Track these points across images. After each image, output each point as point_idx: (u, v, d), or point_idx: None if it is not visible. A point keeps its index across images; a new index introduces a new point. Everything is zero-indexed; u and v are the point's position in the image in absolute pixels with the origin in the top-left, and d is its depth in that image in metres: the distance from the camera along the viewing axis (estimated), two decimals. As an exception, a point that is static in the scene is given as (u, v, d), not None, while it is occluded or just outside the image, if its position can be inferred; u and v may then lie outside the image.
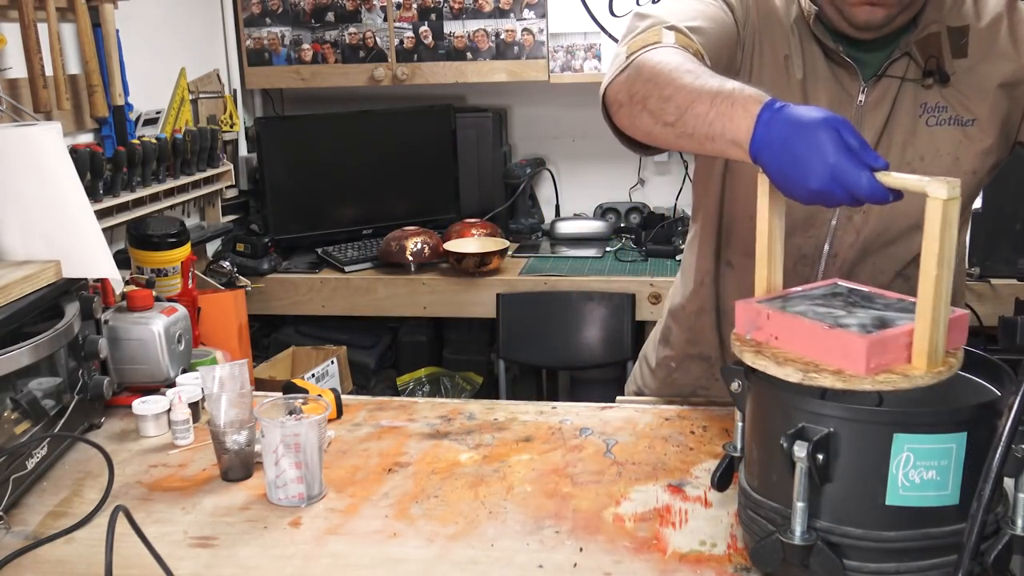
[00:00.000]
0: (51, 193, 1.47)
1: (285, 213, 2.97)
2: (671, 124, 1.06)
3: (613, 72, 1.17)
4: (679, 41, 1.15)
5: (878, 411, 0.92)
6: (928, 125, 1.28)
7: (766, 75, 1.29)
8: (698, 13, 1.23)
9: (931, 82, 1.27)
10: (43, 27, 2.02)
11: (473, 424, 1.44)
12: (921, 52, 1.26)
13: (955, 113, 1.27)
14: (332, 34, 3.04)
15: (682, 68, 1.07)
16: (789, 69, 1.29)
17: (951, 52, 1.26)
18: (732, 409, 1.07)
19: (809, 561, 0.89)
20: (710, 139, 1.01)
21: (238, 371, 1.29)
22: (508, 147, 3.29)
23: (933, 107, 1.28)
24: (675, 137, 1.07)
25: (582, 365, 2.72)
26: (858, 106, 1.29)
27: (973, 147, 1.28)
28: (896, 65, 1.27)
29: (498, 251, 2.71)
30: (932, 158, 1.28)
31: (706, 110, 1.00)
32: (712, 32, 1.22)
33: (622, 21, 2.87)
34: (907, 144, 1.29)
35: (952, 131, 1.28)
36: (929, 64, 1.26)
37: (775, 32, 1.30)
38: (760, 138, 0.95)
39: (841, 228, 1.33)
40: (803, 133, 0.92)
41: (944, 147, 1.28)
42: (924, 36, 1.26)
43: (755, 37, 1.29)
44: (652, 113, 1.08)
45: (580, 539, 1.09)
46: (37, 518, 1.19)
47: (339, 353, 2.87)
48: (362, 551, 1.09)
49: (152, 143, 2.27)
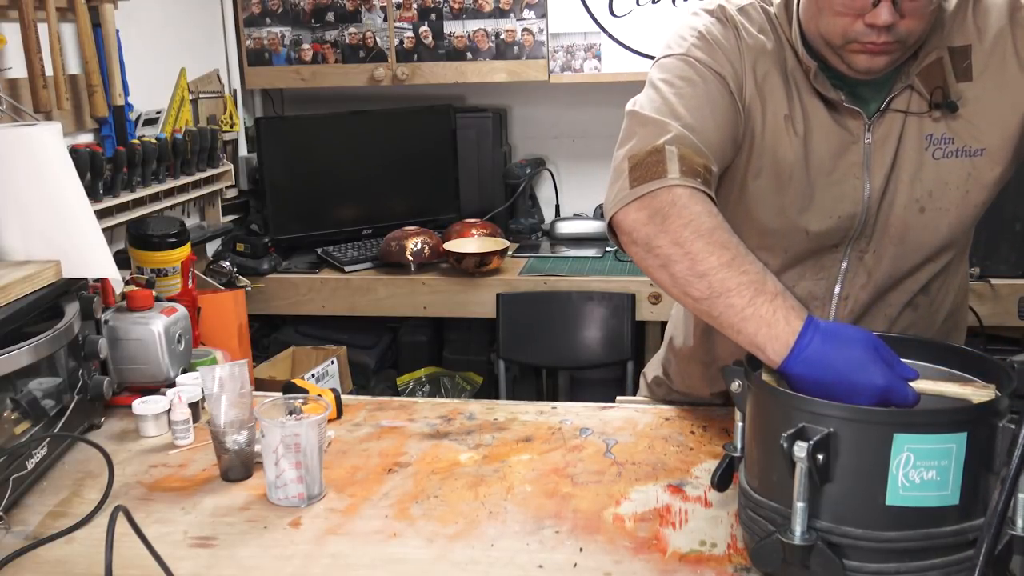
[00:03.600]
0: (51, 193, 1.47)
1: (285, 213, 2.97)
2: (696, 299, 1.05)
3: (621, 198, 1.12)
4: (685, 166, 1.10)
5: (878, 411, 0.92)
6: (935, 158, 1.21)
7: (768, 137, 1.22)
8: (697, 103, 1.18)
9: (939, 115, 1.19)
10: (43, 27, 2.02)
11: (473, 424, 1.44)
12: (925, 83, 1.19)
13: (963, 144, 1.20)
14: (332, 34, 3.04)
15: (716, 242, 1.04)
16: (790, 128, 1.22)
17: (955, 76, 1.19)
18: (732, 409, 1.07)
19: (809, 561, 0.89)
20: (736, 332, 1.01)
21: (238, 371, 1.29)
22: (508, 147, 3.29)
23: (939, 139, 1.20)
24: (694, 308, 1.07)
25: (582, 365, 2.72)
26: (866, 145, 1.21)
27: (982, 178, 1.21)
28: (900, 98, 1.20)
29: (498, 251, 2.71)
30: (940, 193, 1.22)
31: (743, 305, 1.00)
32: (714, 121, 1.18)
33: (622, 21, 2.87)
34: (914, 180, 1.22)
35: (960, 163, 1.21)
36: (935, 96, 1.18)
37: (775, 93, 1.22)
38: (799, 354, 0.97)
39: (852, 270, 1.28)
40: (846, 352, 0.95)
41: (952, 180, 1.21)
42: (926, 65, 1.18)
43: (754, 102, 1.22)
44: (675, 279, 1.06)
45: (580, 539, 1.09)
46: (37, 518, 1.19)
47: (339, 353, 2.86)
48: (362, 551, 1.09)
49: (152, 143, 2.27)
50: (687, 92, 1.18)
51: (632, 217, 1.10)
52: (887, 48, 1.12)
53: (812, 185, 1.23)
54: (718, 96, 1.19)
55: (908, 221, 1.23)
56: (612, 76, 2.90)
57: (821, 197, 1.23)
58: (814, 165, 1.22)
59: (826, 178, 1.22)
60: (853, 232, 1.25)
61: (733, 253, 1.03)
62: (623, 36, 2.87)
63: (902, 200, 1.22)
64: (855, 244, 1.26)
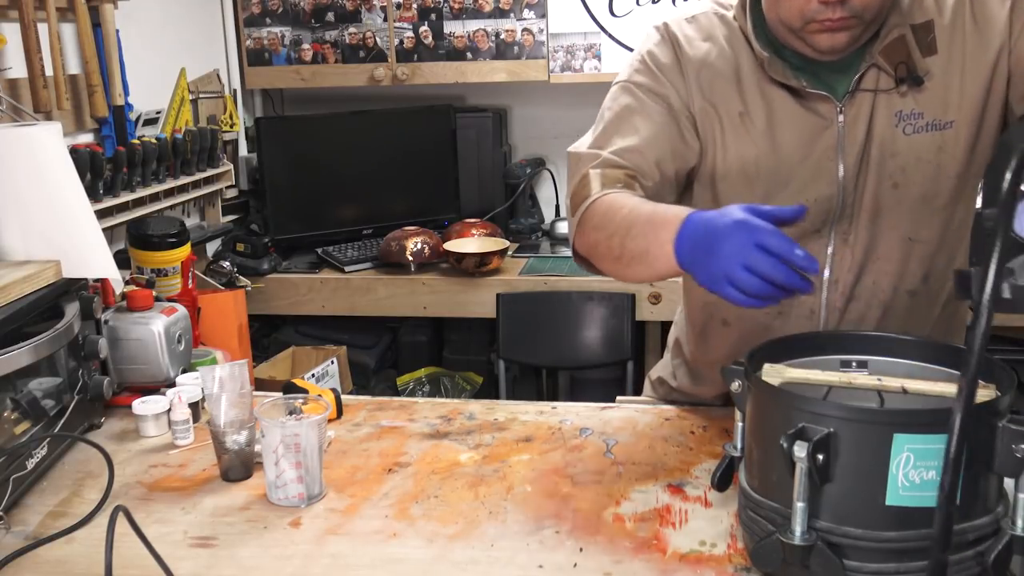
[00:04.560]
0: (51, 193, 1.47)
1: (285, 213, 2.97)
2: (619, 258, 1.17)
3: (571, 231, 1.28)
4: (605, 180, 1.24)
5: (878, 411, 0.92)
6: (906, 134, 1.24)
7: (728, 138, 1.28)
8: (632, 126, 1.28)
9: (905, 89, 1.23)
10: (43, 27, 2.02)
11: (473, 424, 1.44)
12: (888, 60, 1.22)
13: (932, 118, 1.23)
14: (332, 34, 3.04)
15: (615, 206, 1.18)
16: (748, 124, 1.27)
17: (921, 51, 1.23)
18: (732, 409, 1.07)
19: (809, 561, 0.89)
20: (646, 257, 1.11)
21: (238, 371, 1.29)
22: (508, 147, 3.29)
23: (909, 115, 1.24)
24: (627, 269, 1.17)
25: (582, 365, 2.72)
26: (839, 127, 1.25)
27: (954, 151, 1.24)
28: (867, 78, 1.24)
29: (498, 251, 2.71)
30: (914, 168, 1.25)
31: (642, 232, 1.12)
32: (649, 138, 1.27)
33: (622, 21, 2.87)
34: (888, 157, 1.25)
35: (931, 137, 1.24)
36: (899, 71, 1.22)
37: (725, 94, 1.28)
38: (680, 247, 1.05)
39: (838, 253, 1.30)
40: (716, 235, 1.00)
41: (925, 154, 1.24)
42: (889, 43, 1.22)
43: (705, 110, 1.29)
44: (605, 257, 1.21)
45: (580, 539, 1.09)
46: (37, 518, 1.19)
47: (339, 353, 2.86)
48: (362, 551, 1.09)
49: (152, 143, 2.27)
50: (624, 118, 1.30)
51: (577, 242, 1.27)
52: (844, 23, 1.16)
53: (785, 173, 1.27)
54: (655, 115, 1.29)
55: (882, 198, 1.26)
56: (612, 76, 2.85)
57: (796, 183, 1.27)
58: (785, 154, 1.27)
59: (800, 164, 1.26)
60: (833, 214, 1.28)
61: (628, 207, 1.17)
62: (623, 36, 2.87)
63: (876, 178, 1.26)
64: (838, 227, 1.29)
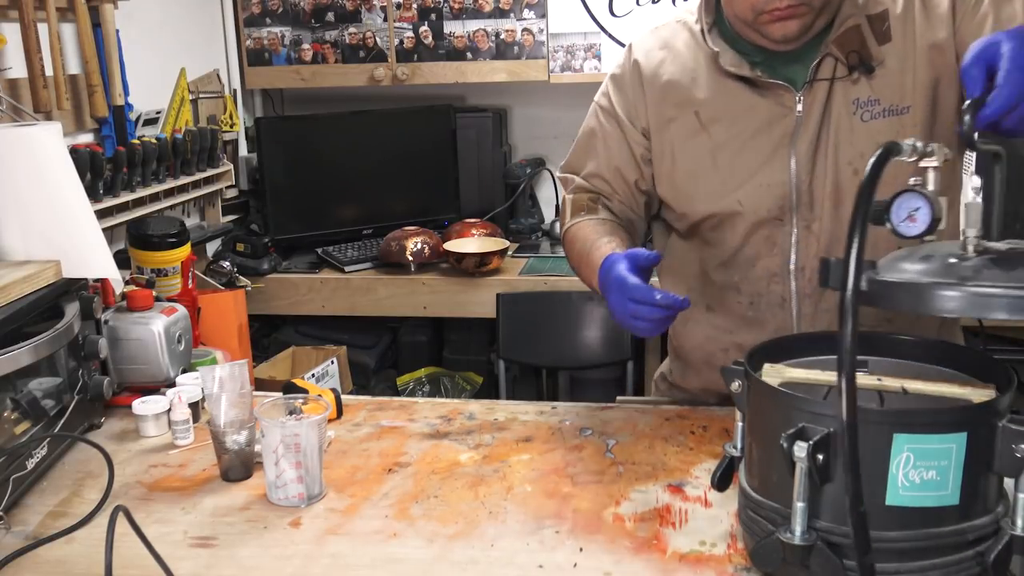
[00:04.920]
0: (51, 193, 1.47)
1: (285, 213, 2.97)
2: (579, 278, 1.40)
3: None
4: (575, 207, 1.44)
5: (878, 411, 0.92)
6: (863, 120, 1.27)
7: (686, 139, 1.36)
8: (594, 147, 1.45)
9: (858, 76, 1.27)
10: (43, 27, 2.02)
11: (473, 424, 1.44)
12: (841, 49, 1.26)
13: (889, 104, 1.27)
14: (332, 34, 3.04)
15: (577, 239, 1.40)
16: (702, 120, 1.35)
17: (876, 40, 1.26)
18: (732, 409, 1.07)
19: (809, 561, 0.89)
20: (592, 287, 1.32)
21: (238, 371, 1.29)
22: (508, 147, 3.29)
23: (866, 102, 1.27)
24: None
25: (582, 365, 2.71)
26: (797, 116, 1.29)
27: (912, 135, 1.26)
28: (824, 67, 1.28)
29: (498, 251, 2.71)
30: (872, 152, 1.27)
31: (584, 269, 1.35)
32: (606, 164, 1.43)
33: (622, 21, 2.87)
34: (845, 143, 1.28)
35: (889, 123, 1.27)
36: (851, 59, 1.26)
37: (679, 97, 1.36)
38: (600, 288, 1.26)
39: (802, 241, 1.33)
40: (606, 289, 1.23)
41: (883, 140, 1.25)
42: (842, 32, 1.26)
43: (658, 120, 1.39)
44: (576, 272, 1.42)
45: (580, 539, 1.09)
46: (37, 518, 1.19)
47: (339, 353, 2.86)
48: (362, 551, 1.09)
49: (152, 143, 2.27)
50: (588, 142, 1.47)
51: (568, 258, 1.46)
52: (793, 12, 1.22)
53: (741, 163, 1.33)
54: (610, 138, 1.43)
55: (842, 185, 1.29)
56: (612, 76, 2.90)
57: (752, 171, 1.32)
58: (741, 143, 1.32)
59: (755, 153, 1.32)
60: (789, 200, 1.31)
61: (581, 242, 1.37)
62: (623, 36, 2.87)
63: (833, 165, 1.29)
64: (799, 214, 1.32)
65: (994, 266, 0.82)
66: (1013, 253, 0.83)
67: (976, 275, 0.81)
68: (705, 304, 1.45)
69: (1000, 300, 0.78)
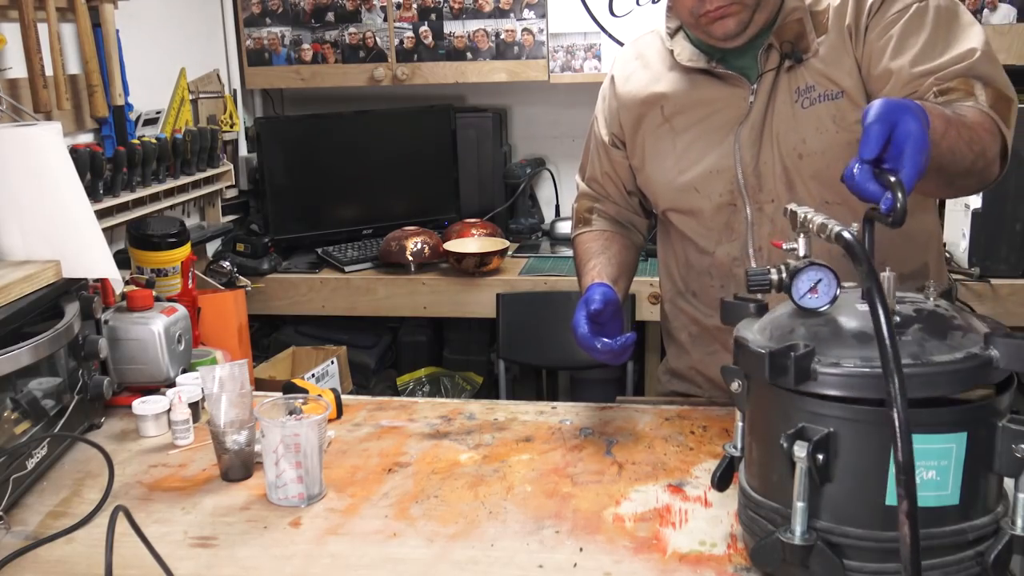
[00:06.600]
0: (51, 193, 1.47)
1: (285, 213, 2.97)
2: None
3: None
4: (579, 217, 1.62)
5: (878, 411, 0.92)
6: (803, 107, 1.34)
7: (653, 134, 1.47)
8: (591, 157, 1.60)
9: (790, 64, 1.34)
10: (43, 27, 2.01)
11: (473, 424, 1.44)
12: (779, 40, 1.34)
13: (824, 90, 1.33)
14: (332, 34, 3.04)
15: (577, 251, 1.57)
16: (667, 114, 1.45)
17: (816, 32, 1.33)
18: (732, 409, 1.07)
19: (809, 561, 0.89)
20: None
21: (238, 371, 1.29)
22: (508, 147, 3.29)
23: (805, 89, 1.34)
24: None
25: (582, 365, 2.71)
26: (749, 105, 1.37)
27: (848, 118, 1.32)
28: (770, 59, 1.35)
29: (498, 251, 2.71)
30: (813, 136, 1.34)
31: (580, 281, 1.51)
32: (601, 169, 1.58)
33: (622, 21, 2.87)
34: (788, 130, 1.35)
35: (826, 107, 1.33)
36: (784, 48, 1.34)
37: (648, 94, 1.46)
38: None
39: (757, 223, 1.40)
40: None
41: (822, 124, 1.33)
42: (783, 25, 1.34)
43: (632, 120, 1.50)
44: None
45: (580, 539, 1.09)
46: (37, 518, 1.19)
47: (339, 353, 2.86)
48: (362, 551, 1.09)
49: (152, 143, 2.27)
50: (588, 149, 1.62)
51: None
52: (726, 11, 1.29)
53: (695, 149, 1.42)
54: (599, 147, 1.58)
55: (789, 168, 1.36)
56: (612, 76, 2.90)
57: (703, 157, 1.41)
58: (697, 133, 1.42)
59: (706, 141, 1.41)
60: (738, 184, 1.39)
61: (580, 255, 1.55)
62: (623, 36, 2.87)
63: (779, 150, 1.36)
64: (752, 198, 1.40)
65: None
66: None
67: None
68: (691, 291, 1.54)
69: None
